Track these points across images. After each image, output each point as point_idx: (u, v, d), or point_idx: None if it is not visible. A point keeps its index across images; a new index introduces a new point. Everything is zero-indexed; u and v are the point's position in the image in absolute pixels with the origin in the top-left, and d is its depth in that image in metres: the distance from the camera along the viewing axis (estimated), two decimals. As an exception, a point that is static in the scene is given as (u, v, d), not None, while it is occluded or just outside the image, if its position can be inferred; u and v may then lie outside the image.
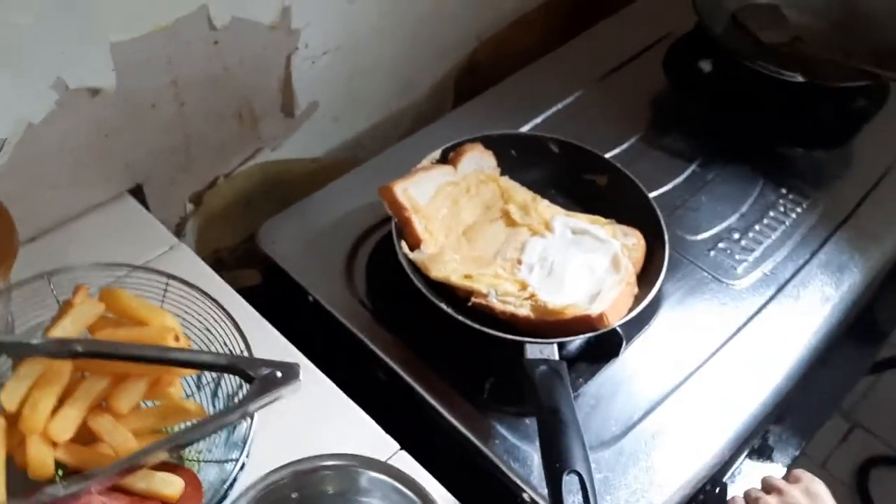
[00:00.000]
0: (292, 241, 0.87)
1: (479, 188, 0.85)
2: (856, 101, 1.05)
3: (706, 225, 0.93)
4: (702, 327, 0.83)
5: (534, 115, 1.03)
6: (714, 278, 0.87)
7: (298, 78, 0.93)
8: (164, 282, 0.63)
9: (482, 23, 1.17)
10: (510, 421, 0.74)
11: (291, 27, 0.88)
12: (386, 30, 1.01)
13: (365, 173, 0.95)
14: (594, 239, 0.81)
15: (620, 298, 0.75)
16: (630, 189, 0.86)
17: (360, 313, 0.82)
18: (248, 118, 0.91)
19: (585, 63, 1.13)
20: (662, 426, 0.75)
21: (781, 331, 0.84)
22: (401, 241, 0.78)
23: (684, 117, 1.07)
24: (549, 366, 0.68)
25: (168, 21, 0.75)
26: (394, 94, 1.10)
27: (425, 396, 0.76)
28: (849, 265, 0.90)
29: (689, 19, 1.15)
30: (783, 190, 0.97)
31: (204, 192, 0.92)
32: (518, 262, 0.79)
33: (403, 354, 0.78)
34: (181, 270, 0.70)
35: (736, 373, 0.80)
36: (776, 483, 0.72)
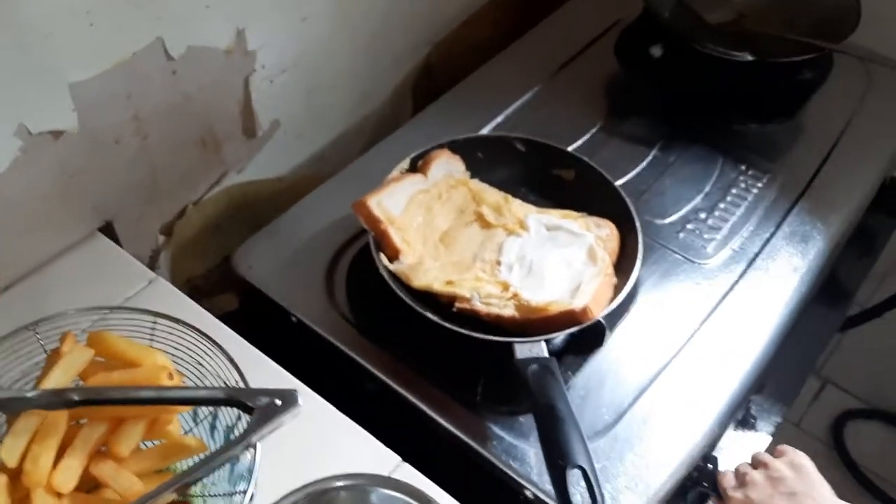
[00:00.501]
0: (268, 263, 0.87)
1: (451, 193, 0.86)
2: (802, 74, 1.08)
3: (673, 208, 0.95)
4: (679, 308, 0.85)
5: (493, 115, 1.04)
6: (686, 259, 0.90)
7: (258, 99, 0.93)
8: (150, 320, 0.63)
9: (433, 27, 1.18)
10: (505, 420, 0.76)
11: (247, 49, 0.88)
12: (340, 43, 1.01)
13: (333, 188, 0.95)
14: (568, 233, 0.82)
15: (601, 290, 0.76)
16: (597, 180, 0.87)
17: (344, 328, 0.82)
18: (212, 143, 0.90)
19: (539, 58, 1.14)
20: (652, 409, 0.77)
21: (755, 304, 0.86)
22: (379, 253, 0.79)
23: (640, 103, 1.09)
24: (539, 364, 0.70)
25: (125, 55, 0.74)
26: (353, 106, 1.10)
27: (418, 405, 0.77)
28: (812, 234, 0.93)
29: (637, 5, 1.17)
30: (742, 167, 1.00)
31: (174, 222, 0.91)
32: (497, 263, 0.80)
33: (392, 365, 0.79)
34: (162, 304, 0.69)
35: (716, 349, 0.82)
36: (762, 458, 0.75)
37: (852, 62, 1.11)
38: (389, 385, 0.79)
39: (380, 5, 1.04)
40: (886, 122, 1.07)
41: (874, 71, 1.11)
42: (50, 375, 0.58)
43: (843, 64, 1.11)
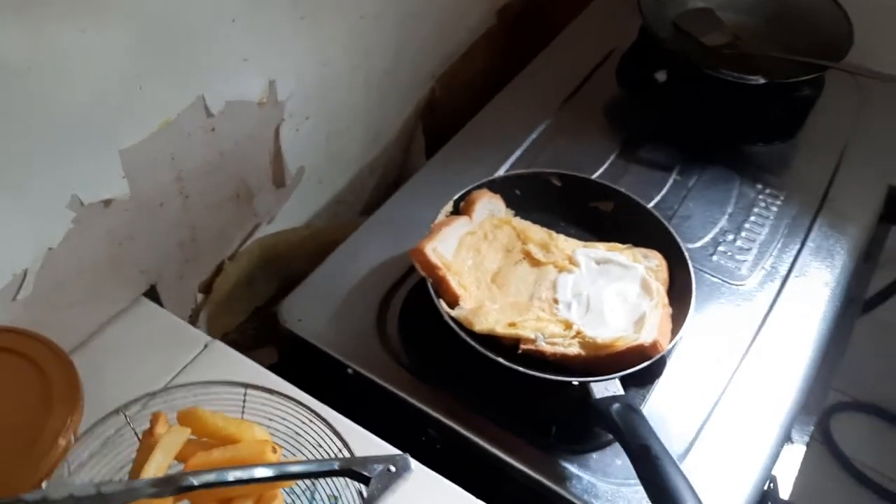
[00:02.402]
0: (317, 314, 0.86)
1: (496, 233, 0.86)
2: (801, 92, 1.12)
3: (701, 231, 0.97)
4: (725, 331, 0.87)
5: (508, 152, 1.04)
6: (723, 282, 0.92)
7: (286, 148, 0.92)
8: (241, 392, 0.61)
9: (436, 62, 1.18)
10: (578, 459, 0.76)
11: (278, 100, 0.86)
12: (356, 85, 1.00)
13: (366, 234, 0.94)
14: (619, 266, 0.83)
15: (663, 322, 0.77)
16: (636, 210, 0.89)
17: (402, 376, 0.81)
18: (245, 197, 0.89)
19: (542, 92, 1.15)
20: (717, 435, 0.78)
21: (795, 321, 0.89)
22: (439, 300, 0.78)
23: (651, 129, 1.11)
24: (620, 402, 0.70)
25: (171, 116, 0.73)
26: (367, 146, 1.10)
27: (489, 448, 0.77)
28: (835, 248, 0.97)
29: (630, 32, 1.20)
30: (759, 186, 1.03)
31: (212, 279, 0.89)
32: (554, 301, 0.81)
33: (457, 410, 0.79)
34: (225, 368, 0.68)
35: (766, 369, 0.84)
36: None
37: (843, 77, 1.16)
38: (456, 430, 0.78)
39: (392, 43, 1.04)
40: (884, 134, 1.12)
41: (865, 85, 1.16)
42: (151, 460, 0.55)
43: (835, 80, 1.16)
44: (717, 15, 1.19)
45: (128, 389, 0.67)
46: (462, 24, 1.21)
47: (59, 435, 0.56)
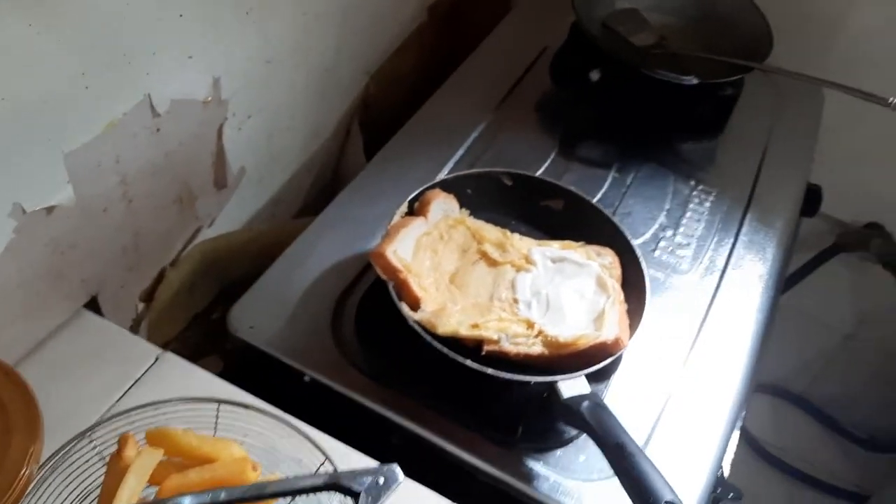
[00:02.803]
0: (268, 321, 0.83)
1: (451, 233, 0.85)
2: (726, 91, 1.17)
3: (643, 227, 0.99)
4: (673, 324, 0.89)
5: (451, 151, 1.04)
6: (666, 277, 0.94)
7: (229, 147, 0.88)
8: (213, 408, 0.58)
9: (370, 58, 1.16)
10: (544, 457, 0.76)
11: (222, 98, 0.83)
12: (297, 83, 0.98)
13: (314, 236, 0.92)
14: (574, 264, 0.84)
15: (622, 318, 0.79)
16: (586, 208, 0.90)
17: (362, 382, 0.80)
18: (187, 199, 0.85)
19: (478, 91, 1.15)
20: (673, 424, 0.81)
21: (736, 312, 0.92)
22: (401, 303, 0.77)
23: (587, 126, 1.13)
24: (589, 400, 0.71)
25: (116, 116, 0.68)
26: (305, 144, 1.07)
27: (454, 451, 0.76)
28: (766, 242, 1.01)
29: (560, 31, 1.22)
30: (692, 182, 1.07)
31: (154, 287, 0.84)
32: (514, 301, 0.81)
33: (421, 414, 0.78)
34: (179, 382, 0.65)
35: (713, 359, 0.87)
36: None
37: (761, 77, 1.21)
38: (420, 434, 0.77)
39: (332, 39, 1.01)
40: (801, 130, 1.18)
41: (782, 84, 1.22)
42: (124, 486, 0.52)
43: (752, 80, 1.21)
44: (643, 16, 1.22)
45: (78, 407, 0.63)
46: (395, 21, 1.19)
47: (21, 466, 0.51)
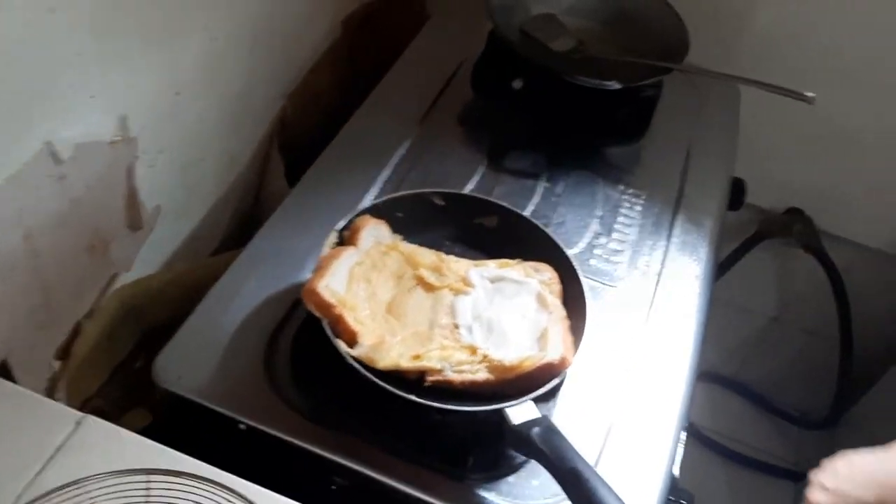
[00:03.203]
0: (196, 369, 0.78)
1: (384, 260, 0.82)
2: (647, 93, 1.17)
3: (576, 236, 0.99)
4: (614, 333, 0.89)
5: (376, 173, 1.00)
6: (604, 285, 0.94)
7: (141, 186, 0.83)
8: (143, 480, 0.54)
9: (285, 79, 1.12)
10: (497, 486, 0.74)
11: (130, 136, 0.78)
12: (209, 112, 0.93)
13: (239, 273, 0.87)
14: (513, 283, 0.82)
15: (566, 335, 0.78)
16: (519, 223, 0.89)
17: (302, 425, 0.76)
18: (100, 246, 0.79)
19: (400, 108, 1.12)
20: (623, 436, 0.80)
21: (675, 315, 0.92)
22: (337, 340, 0.74)
23: (513, 137, 1.12)
24: (540, 425, 0.69)
25: (15, 168, 0.63)
26: (222, 174, 1.02)
27: (403, 488, 0.73)
28: (697, 241, 1.02)
29: (477, 41, 1.20)
30: (621, 186, 1.07)
31: (69, 342, 0.79)
32: (455, 326, 0.78)
33: (365, 453, 0.75)
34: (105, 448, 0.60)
35: (657, 363, 0.87)
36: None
37: (679, 77, 1.22)
38: (366, 474, 0.74)
39: (244, 63, 0.97)
40: (722, 127, 1.20)
41: (700, 84, 1.24)
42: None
43: (672, 80, 1.22)
44: (561, 21, 1.22)
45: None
46: (308, 39, 1.15)
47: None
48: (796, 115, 1.37)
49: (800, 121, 1.41)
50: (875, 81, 1.34)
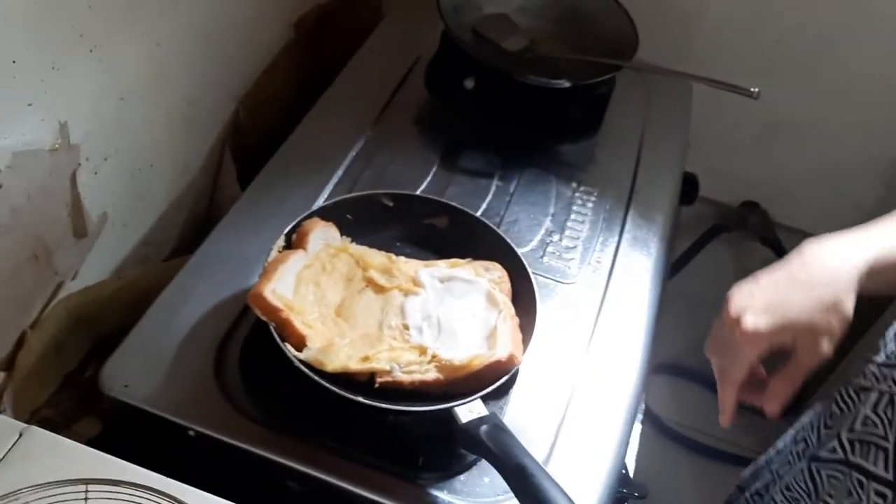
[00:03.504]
0: (144, 377, 0.77)
1: (334, 263, 0.82)
2: (599, 90, 1.19)
3: (529, 234, 0.99)
4: (566, 329, 0.90)
5: (328, 175, 1.00)
6: (556, 282, 0.94)
7: (86, 194, 0.82)
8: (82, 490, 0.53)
9: (237, 82, 1.12)
10: (449, 484, 0.75)
11: (71, 143, 0.77)
12: (157, 117, 0.92)
13: (189, 278, 0.87)
14: (463, 282, 0.83)
15: (514, 333, 0.78)
16: (469, 223, 0.89)
17: (252, 430, 0.76)
18: (44, 255, 0.78)
19: (354, 108, 1.12)
20: (575, 432, 0.81)
21: (627, 309, 0.93)
22: (285, 344, 0.74)
23: (466, 136, 1.12)
24: (487, 423, 0.70)
25: (-53, 181, 0.62)
26: (174, 180, 1.01)
27: (355, 490, 0.73)
28: (648, 236, 1.03)
29: (431, 41, 1.20)
30: (573, 184, 1.07)
31: (13, 354, 0.77)
32: (405, 327, 0.79)
33: (316, 456, 0.75)
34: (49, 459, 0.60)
35: (608, 359, 0.88)
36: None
37: (631, 74, 1.24)
38: (317, 477, 0.74)
39: (192, 68, 0.97)
40: (671, 123, 1.21)
41: (651, 78, 1.25)
42: None
43: (625, 76, 1.23)
44: (512, 20, 1.22)
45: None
46: (260, 42, 1.15)
47: None
48: (748, 110, 1.38)
49: (752, 115, 1.43)
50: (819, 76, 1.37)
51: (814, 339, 0.65)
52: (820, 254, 0.70)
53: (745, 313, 0.67)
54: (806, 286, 0.67)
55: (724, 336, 0.69)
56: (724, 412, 0.71)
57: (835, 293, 0.66)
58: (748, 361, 0.67)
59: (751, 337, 0.66)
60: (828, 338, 0.66)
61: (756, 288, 0.69)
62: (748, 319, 0.66)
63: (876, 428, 0.66)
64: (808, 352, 0.66)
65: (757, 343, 0.66)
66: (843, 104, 1.40)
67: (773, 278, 0.69)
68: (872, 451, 0.66)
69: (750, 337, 0.66)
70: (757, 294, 0.68)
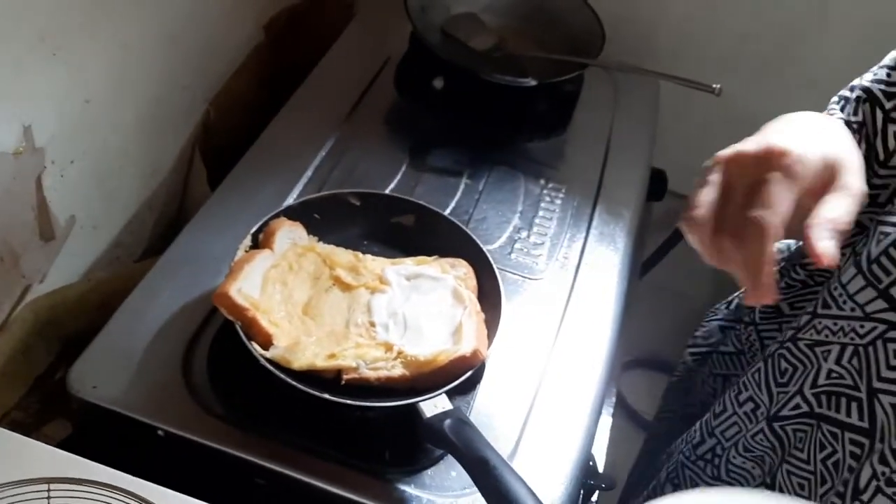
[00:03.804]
0: (112, 377, 0.78)
1: (301, 262, 0.83)
2: (566, 88, 1.20)
3: (497, 231, 1.00)
4: (533, 324, 0.91)
5: (298, 175, 1.01)
6: (524, 278, 0.96)
7: (52, 197, 0.82)
8: (44, 489, 0.54)
9: (207, 84, 1.12)
10: (416, 479, 0.76)
11: (36, 146, 0.77)
12: (124, 119, 0.93)
13: (158, 279, 0.87)
14: (429, 279, 0.84)
15: (479, 329, 0.79)
16: (436, 220, 0.90)
17: (221, 428, 0.76)
18: (10, 259, 0.78)
19: (323, 108, 1.12)
20: (541, 426, 0.82)
21: (593, 304, 0.95)
22: (252, 343, 0.74)
23: (435, 135, 1.13)
24: (451, 417, 0.71)
25: None
26: (144, 181, 1.02)
27: (323, 486, 0.74)
28: (615, 232, 1.04)
29: (401, 41, 1.21)
30: (542, 181, 1.08)
31: (-19, 358, 0.78)
32: (371, 324, 0.79)
33: (284, 454, 0.75)
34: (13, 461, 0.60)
35: (574, 353, 0.89)
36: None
37: (600, 72, 1.25)
38: (285, 474, 0.75)
39: (159, 70, 0.97)
40: (639, 119, 1.23)
41: (618, 77, 1.26)
42: None
43: (593, 74, 1.24)
44: (480, 18, 1.23)
45: None
46: (229, 44, 1.15)
47: None
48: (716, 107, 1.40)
49: (720, 112, 1.44)
50: (785, 71, 1.39)
51: (851, 171, 0.55)
52: (799, 115, 0.63)
53: (772, 141, 0.55)
54: (816, 128, 0.59)
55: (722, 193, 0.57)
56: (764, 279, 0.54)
57: (846, 137, 0.60)
58: (797, 186, 0.54)
59: (794, 152, 0.53)
60: (861, 176, 0.56)
61: (756, 136, 0.59)
62: (781, 140, 0.54)
63: (843, 379, 0.65)
64: (848, 182, 0.55)
65: (804, 159, 0.53)
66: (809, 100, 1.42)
67: (769, 129, 0.60)
68: (844, 403, 0.65)
69: (793, 152, 0.53)
70: (767, 132, 0.58)
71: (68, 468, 0.63)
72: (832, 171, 0.56)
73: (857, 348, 0.64)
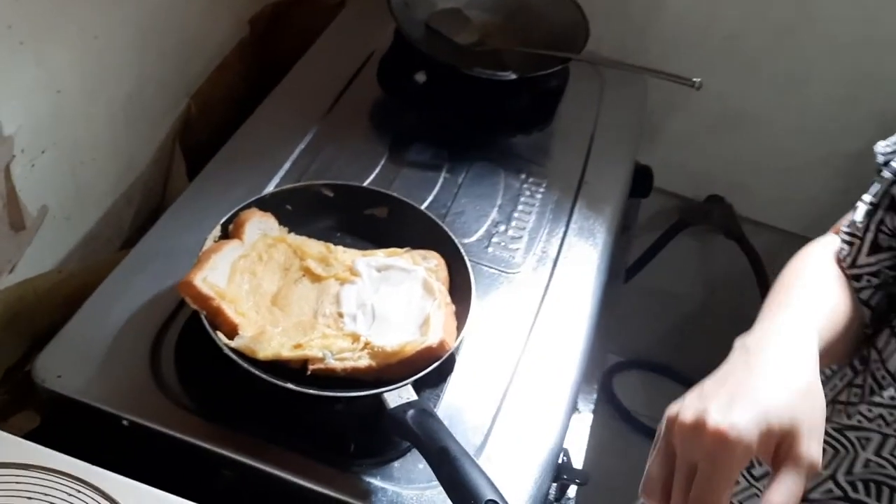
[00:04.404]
0: (78, 367, 0.77)
1: (271, 253, 0.83)
2: (550, 83, 1.19)
3: (475, 225, 1.00)
4: (508, 318, 0.90)
5: (275, 167, 1.00)
6: (500, 272, 0.95)
7: (22, 186, 0.82)
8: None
9: (189, 79, 1.12)
10: (380, 470, 0.75)
11: (4, 134, 0.77)
12: (96, 112, 0.92)
13: (129, 269, 0.87)
14: (400, 271, 0.83)
15: (448, 320, 0.78)
16: (410, 213, 0.89)
17: (186, 419, 0.76)
18: (-23, 248, 0.78)
19: (305, 100, 1.12)
20: (511, 419, 0.81)
21: (569, 299, 0.94)
22: (216, 332, 0.74)
23: (417, 129, 1.13)
24: (415, 408, 0.70)
25: None
26: (120, 174, 1.01)
27: (287, 477, 0.74)
28: (595, 227, 1.03)
29: (385, 35, 1.21)
30: (522, 175, 1.08)
31: (-52, 347, 0.77)
32: (339, 315, 0.79)
33: (249, 445, 0.75)
34: None
35: (549, 348, 0.88)
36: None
37: (587, 68, 1.24)
38: (251, 465, 0.74)
39: (134, 63, 0.97)
40: (625, 115, 1.22)
41: (603, 72, 1.26)
42: None
43: (576, 69, 1.24)
44: (464, 14, 1.23)
45: None
46: (211, 38, 1.15)
47: None
48: (709, 102, 1.40)
49: (713, 108, 1.44)
50: (775, 68, 1.38)
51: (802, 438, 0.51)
52: (764, 341, 0.58)
53: (708, 413, 0.51)
54: (770, 372, 0.54)
55: (669, 464, 0.54)
56: None
57: (805, 377, 0.54)
58: (733, 471, 0.50)
59: (729, 435, 0.49)
60: (817, 437, 0.52)
61: (705, 388, 0.55)
62: (715, 418, 0.50)
63: (884, 468, 0.63)
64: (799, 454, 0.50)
65: (739, 443, 0.49)
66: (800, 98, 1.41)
67: (724, 374, 0.56)
68: (886, 493, 0.63)
69: (727, 435, 0.49)
70: (711, 392, 0.54)
71: (31, 457, 0.62)
72: (785, 438, 0.51)
73: None
